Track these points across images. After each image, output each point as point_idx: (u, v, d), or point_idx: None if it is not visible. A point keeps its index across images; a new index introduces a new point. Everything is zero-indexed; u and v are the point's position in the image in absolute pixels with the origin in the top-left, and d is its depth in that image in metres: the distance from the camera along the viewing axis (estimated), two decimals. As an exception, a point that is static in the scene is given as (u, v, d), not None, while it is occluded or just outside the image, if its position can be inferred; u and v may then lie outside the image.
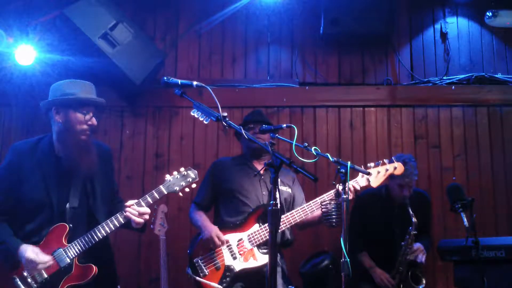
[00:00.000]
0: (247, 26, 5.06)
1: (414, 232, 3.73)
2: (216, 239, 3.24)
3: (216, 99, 2.46)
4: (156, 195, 2.86)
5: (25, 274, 2.70)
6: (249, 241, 3.29)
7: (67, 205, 2.79)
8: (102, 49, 4.26)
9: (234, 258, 3.27)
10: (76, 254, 2.75)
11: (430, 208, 4.22)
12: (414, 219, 3.71)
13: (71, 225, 2.77)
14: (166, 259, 3.93)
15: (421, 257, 3.79)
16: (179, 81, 2.60)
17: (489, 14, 4.75)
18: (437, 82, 4.90)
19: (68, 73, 4.58)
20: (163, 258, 3.89)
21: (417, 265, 3.84)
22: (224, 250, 3.28)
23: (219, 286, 3.19)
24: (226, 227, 3.36)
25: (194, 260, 3.29)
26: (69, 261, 2.74)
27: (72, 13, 4.15)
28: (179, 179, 2.90)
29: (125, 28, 4.42)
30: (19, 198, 2.77)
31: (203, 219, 3.43)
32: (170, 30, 5.04)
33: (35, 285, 2.69)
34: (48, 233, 2.75)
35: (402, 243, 3.76)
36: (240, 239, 3.31)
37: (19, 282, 2.69)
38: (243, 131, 2.48)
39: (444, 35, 4.98)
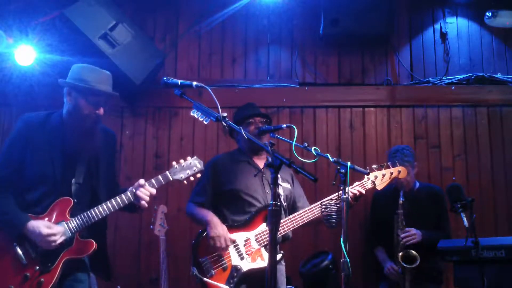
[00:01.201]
0: (247, 26, 5.06)
1: (400, 211, 3.81)
2: (223, 242, 3.17)
3: (215, 99, 2.46)
4: (161, 179, 2.91)
5: (26, 242, 2.70)
6: (257, 241, 3.25)
7: (73, 180, 2.82)
8: (102, 49, 4.26)
9: (242, 258, 3.22)
10: (78, 228, 2.76)
11: (444, 201, 4.13)
12: (400, 200, 3.80)
13: (75, 200, 2.80)
14: (166, 259, 3.93)
15: (411, 239, 3.82)
16: (179, 82, 2.60)
17: (488, 14, 4.75)
18: (436, 82, 4.90)
19: (67, 73, 4.59)
20: (163, 258, 3.89)
21: (411, 246, 3.82)
22: (231, 249, 3.22)
23: (226, 286, 3.13)
24: (231, 226, 3.29)
25: (201, 260, 3.21)
26: (70, 234, 2.75)
27: (72, 13, 4.15)
28: (185, 168, 2.95)
29: (125, 29, 4.41)
30: (23, 168, 2.79)
31: (212, 215, 3.31)
32: (170, 30, 5.04)
33: (33, 255, 2.69)
34: (53, 205, 2.77)
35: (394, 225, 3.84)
36: (247, 239, 3.26)
37: (19, 251, 2.68)
38: (243, 132, 2.48)
39: (443, 35, 4.99)
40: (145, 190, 2.85)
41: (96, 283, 3.83)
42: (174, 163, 2.97)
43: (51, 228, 2.69)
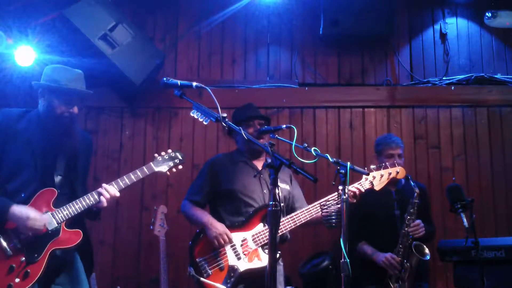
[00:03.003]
0: (247, 26, 5.06)
1: (416, 201, 3.64)
2: (226, 237, 3.19)
3: (215, 100, 2.46)
4: (146, 170, 2.99)
5: (11, 233, 2.69)
6: (254, 241, 3.25)
7: (56, 172, 2.86)
8: (102, 50, 4.26)
9: (239, 258, 3.22)
10: (64, 219, 2.77)
11: (429, 198, 4.12)
12: (417, 190, 3.63)
13: (59, 191, 2.82)
14: (166, 260, 3.93)
15: (420, 231, 3.68)
16: (179, 82, 2.60)
17: (488, 14, 4.75)
18: (436, 82, 4.91)
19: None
20: (163, 258, 3.89)
21: (418, 238, 3.69)
22: (228, 250, 3.22)
23: (223, 286, 3.13)
24: (228, 227, 3.28)
25: (197, 260, 3.21)
26: (57, 225, 2.75)
27: (71, 14, 4.15)
28: (168, 159, 3.08)
29: (125, 29, 4.41)
30: (2, 158, 2.80)
31: (208, 216, 3.33)
32: (169, 30, 5.04)
33: (19, 246, 2.68)
34: (37, 195, 2.77)
35: (405, 215, 3.65)
36: (244, 239, 3.26)
37: (3, 242, 2.67)
38: (242, 132, 2.48)
39: (443, 36, 4.99)
40: (107, 188, 2.89)
41: (95, 283, 3.83)
42: (156, 155, 3.08)
43: (36, 214, 2.69)
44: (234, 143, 3.81)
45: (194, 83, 2.58)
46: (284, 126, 3.22)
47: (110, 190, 2.88)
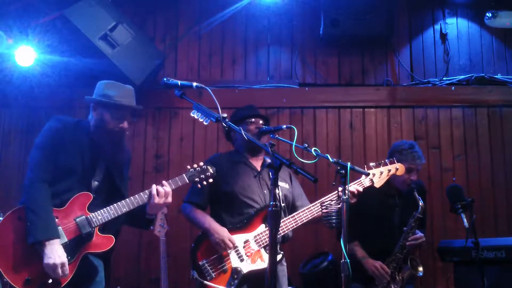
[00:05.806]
0: (247, 27, 5.07)
1: (419, 216, 3.57)
2: (229, 243, 3.18)
3: (215, 100, 2.46)
4: (178, 182, 3.03)
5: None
6: (256, 242, 3.24)
7: (93, 179, 2.94)
8: (102, 50, 4.26)
9: (241, 260, 3.21)
10: (98, 223, 2.82)
11: (426, 197, 3.95)
12: (421, 203, 3.56)
13: (94, 196, 2.87)
14: (166, 260, 3.93)
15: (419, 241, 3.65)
16: (179, 82, 2.61)
17: (488, 15, 4.75)
18: (437, 83, 4.91)
19: (68, 74, 4.58)
20: (163, 259, 3.89)
21: (413, 252, 3.69)
22: (231, 252, 3.21)
23: None
24: (230, 229, 3.27)
25: (200, 263, 3.19)
26: (90, 229, 2.79)
27: (72, 14, 4.16)
28: (200, 172, 3.10)
29: (125, 29, 4.42)
30: (56, 163, 2.86)
31: (210, 220, 3.31)
32: (170, 31, 5.05)
33: None
34: (73, 199, 2.82)
35: (405, 228, 3.59)
36: (246, 240, 3.24)
37: None
38: (243, 132, 2.48)
39: (443, 36, 4.99)
40: (159, 188, 2.95)
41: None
42: (188, 166, 3.09)
43: (65, 265, 2.67)
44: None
45: (194, 83, 2.58)
46: (284, 126, 3.22)
47: (160, 189, 2.93)
